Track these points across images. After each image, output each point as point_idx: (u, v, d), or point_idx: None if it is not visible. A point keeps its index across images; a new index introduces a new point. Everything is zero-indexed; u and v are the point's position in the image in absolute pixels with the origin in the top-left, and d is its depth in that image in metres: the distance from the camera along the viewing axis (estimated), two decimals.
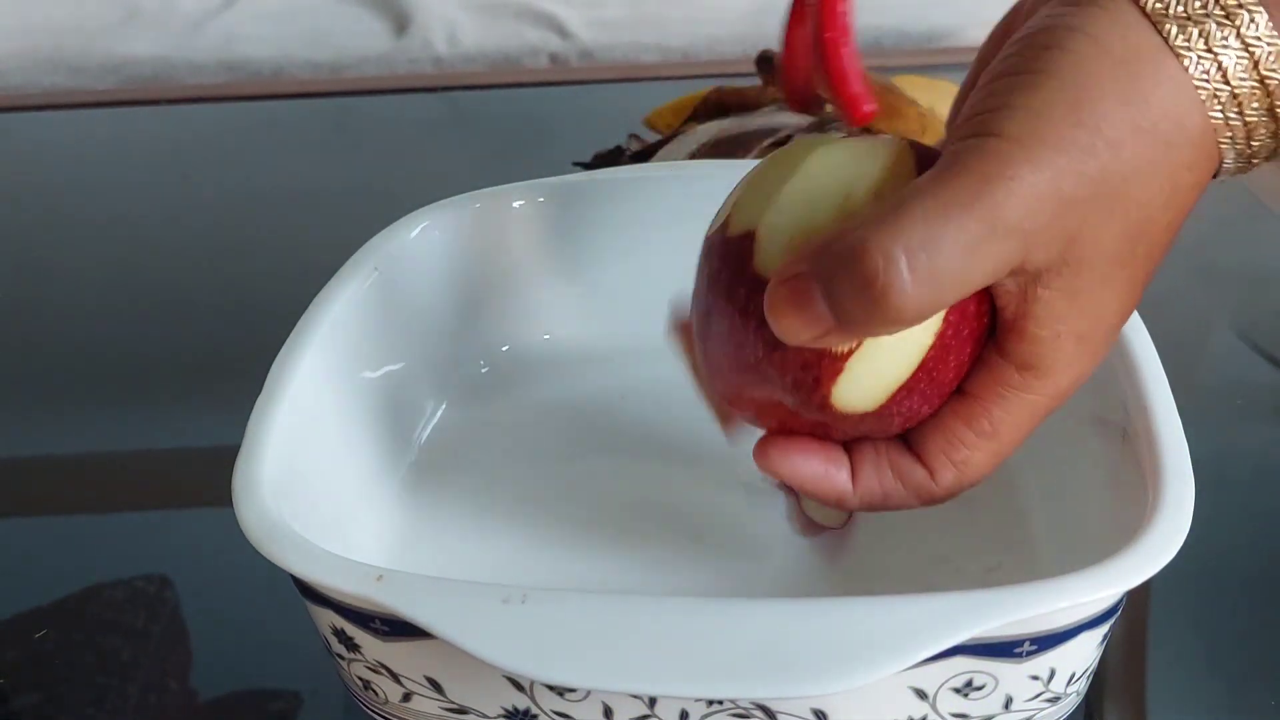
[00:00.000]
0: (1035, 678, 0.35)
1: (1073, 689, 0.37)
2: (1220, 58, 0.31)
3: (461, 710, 0.38)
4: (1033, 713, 0.37)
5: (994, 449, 0.35)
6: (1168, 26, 0.31)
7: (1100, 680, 0.43)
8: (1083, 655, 0.36)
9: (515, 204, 0.55)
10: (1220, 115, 0.31)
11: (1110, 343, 0.34)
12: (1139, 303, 0.34)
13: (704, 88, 0.73)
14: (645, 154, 0.69)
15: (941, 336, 0.33)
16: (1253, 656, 0.45)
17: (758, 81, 0.71)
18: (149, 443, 0.60)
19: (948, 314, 0.33)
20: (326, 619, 0.38)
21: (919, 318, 0.31)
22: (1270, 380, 0.60)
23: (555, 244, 0.56)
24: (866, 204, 0.33)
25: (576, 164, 0.71)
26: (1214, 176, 0.33)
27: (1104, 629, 0.36)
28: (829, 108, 0.38)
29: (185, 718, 0.45)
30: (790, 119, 0.65)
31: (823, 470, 0.36)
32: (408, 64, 1.07)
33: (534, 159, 0.69)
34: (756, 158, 0.63)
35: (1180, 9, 0.31)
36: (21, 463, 0.60)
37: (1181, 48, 0.31)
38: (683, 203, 0.54)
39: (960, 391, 0.35)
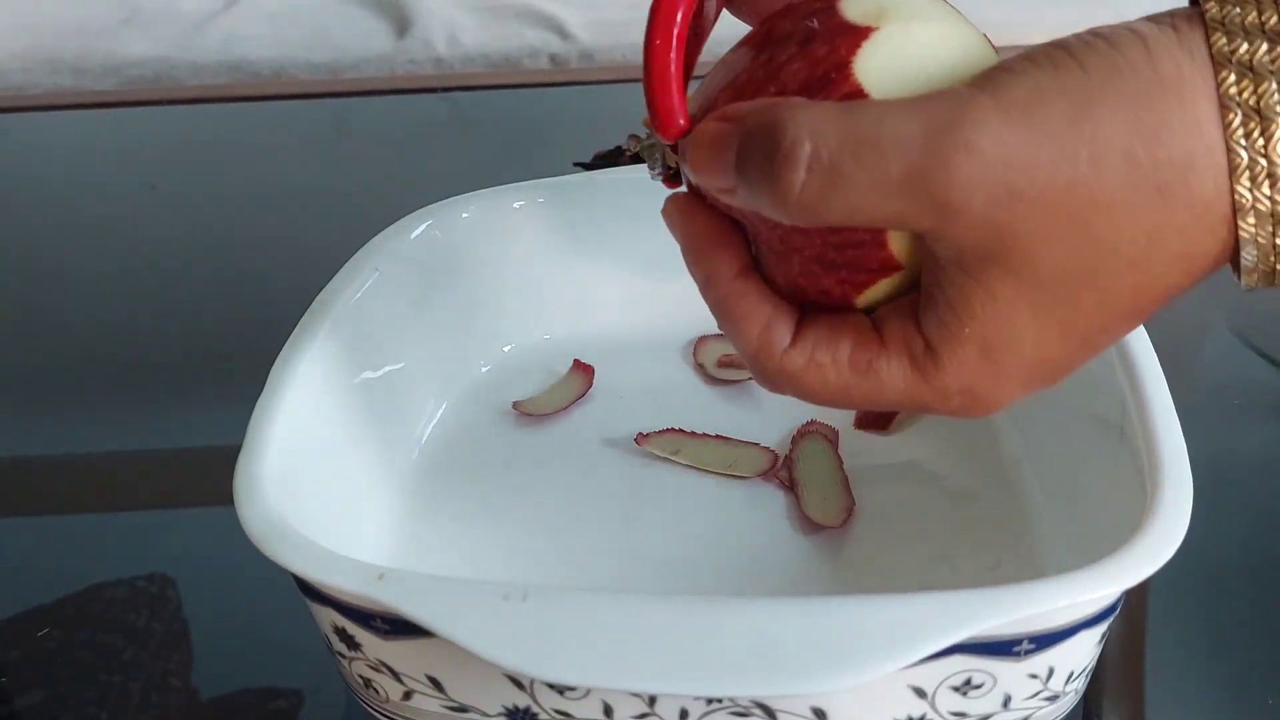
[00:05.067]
0: (1034, 676, 0.36)
1: (1071, 687, 0.37)
2: (1268, 125, 0.28)
3: (462, 708, 0.38)
4: (1031, 711, 0.37)
5: (849, 385, 0.32)
6: (1225, 72, 0.28)
7: (1099, 678, 0.44)
8: (1081, 654, 0.36)
9: (515, 204, 0.55)
10: (1248, 193, 0.28)
11: (1020, 382, 0.31)
12: (1073, 361, 0.31)
13: None
14: None
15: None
16: (1250, 655, 0.45)
17: None
18: (150, 443, 0.60)
19: None
20: (328, 617, 0.38)
21: (799, 214, 0.29)
22: (1269, 380, 0.60)
23: (555, 244, 0.56)
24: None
25: (577, 164, 0.71)
26: (1237, 274, 0.30)
27: (1102, 628, 0.36)
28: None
29: (187, 716, 0.45)
30: None
31: (713, 239, 0.33)
32: (408, 65, 1.07)
33: (534, 159, 0.69)
34: None
35: (1246, 55, 0.28)
36: (22, 463, 0.60)
37: (1230, 98, 0.28)
38: None
39: (875, 324, 0.33)
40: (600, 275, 0.57)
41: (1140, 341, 0.42)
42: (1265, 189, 0.28)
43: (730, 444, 0.51)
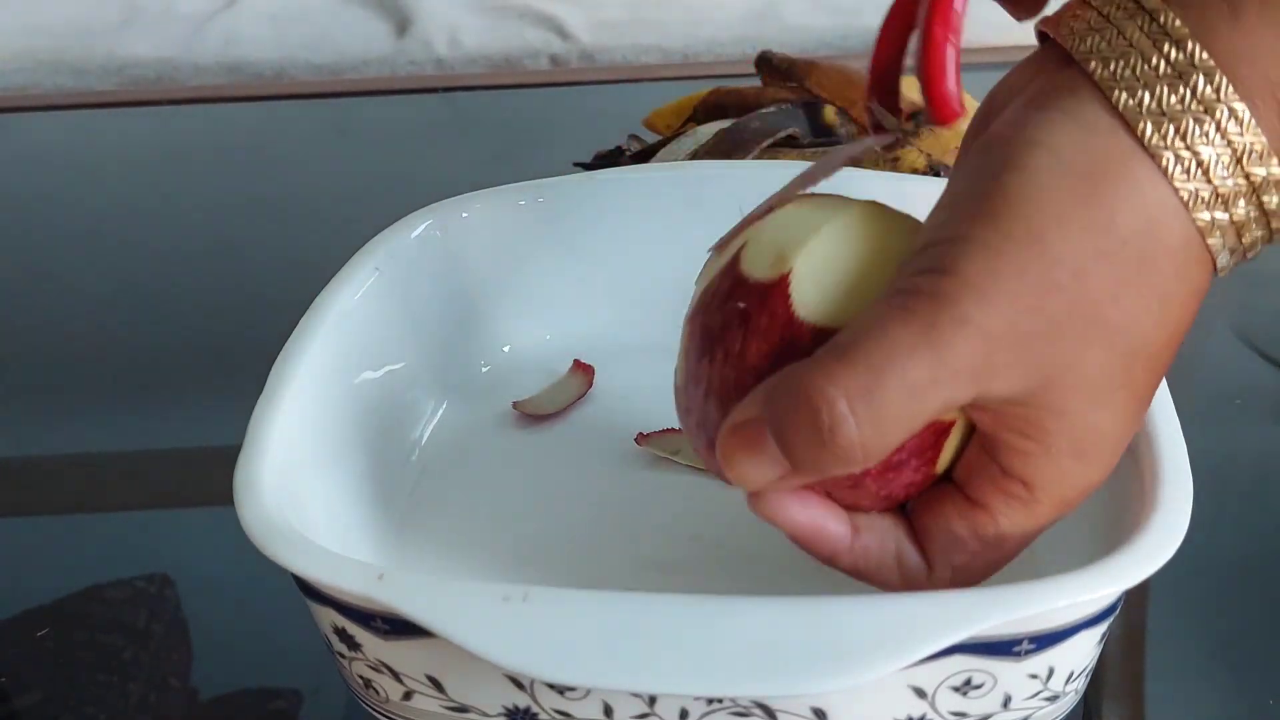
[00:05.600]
0: (1034, 676, 0.36)
1: (1071, 687, 0.37)
2: (1200, 154, 0.29)
3: (462, 709, 0.38)
4: (1031, 711, 0.37)
5: (996, 558, 0.35)
6: (1142, 125, 0.29)
7: (1099, 679, 0.44)
8: (1081, 654, 0.36)
9: (515, 204, 0.55)
10: (1206, 216, 0.30)
11: (1118, 450, 0.33)
12: (1145, 412, 0.34)
13: (704, 88, 0.73)
14: (645, 154, 0.69)
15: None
16: (1250, 655, 0.45)
17: (757, 82, 0.71)
18: (150, 443, 0.60)
19: None
20: (328, 618, 0.38)
21: (870, 458, 0.31)
22: (1270, 380, 0.60)
23: (555, 244, 0.56)
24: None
25: (577, 164, 0.71)
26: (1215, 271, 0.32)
27: (1102, 628, 0.36)
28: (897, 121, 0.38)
29: (186, 717, 0.45)
30: (788, 120, 0.65)
31: (821, 519, 0.35)
32: (409, 65, 1.07)
33: (534, 159, 0.69)
34: (757, 158, 0.63)
35: (1154, 105, 0.29)
36: (21, 463, 0.60)
37: (1157, 147, 0.29)
38: (682, 203, 0.54)
39: (967, 498, 0.34)
40: (600, 275, 0.57)
41: None
42: (1220, 210, 0.30)
43: None
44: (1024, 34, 0.34)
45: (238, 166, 0.86)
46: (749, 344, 0.34)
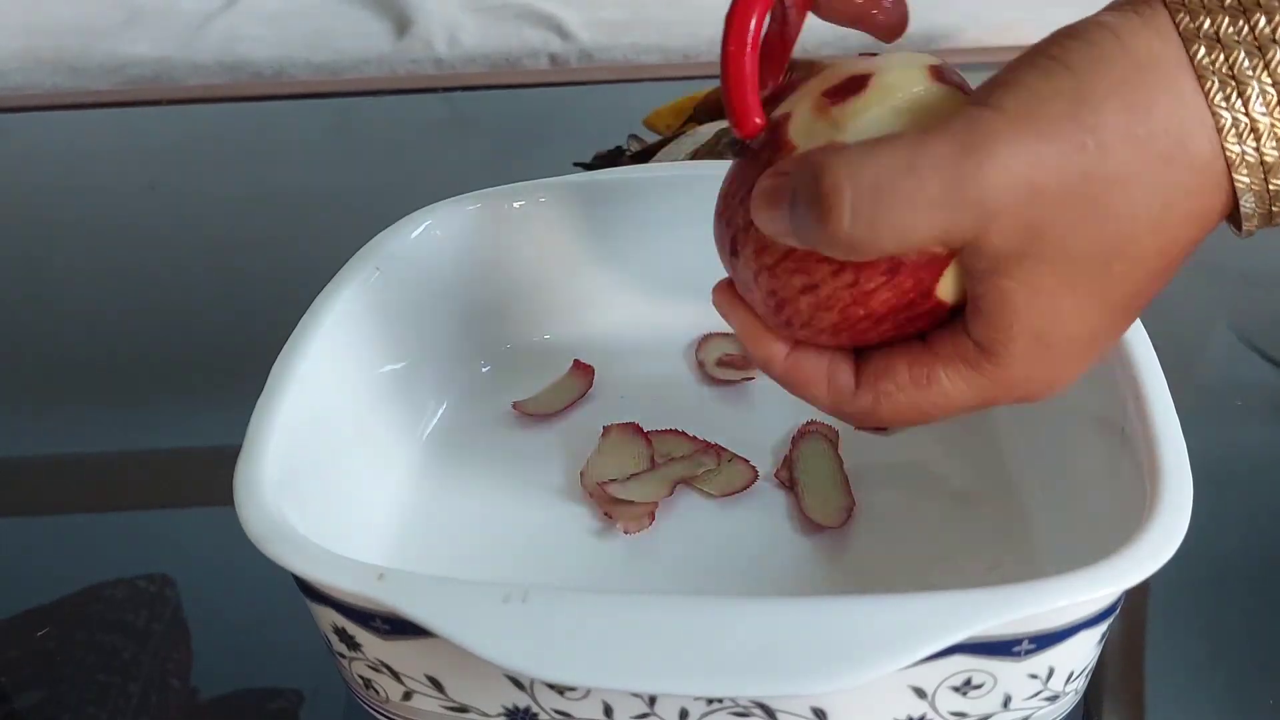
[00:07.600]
0: (1034, 676, 0.36)
1: (1071, 687, 0.37)
2: (1245, 87, 0.30)
3: (462, 709, 0.38)
4: (1031, 711, 0.37)
5: (918, 401, 0.35)
6: (1195, 46, 0.31)
7: (1099, 679, 0.44)
8: (1081, 654, 0.36)
9: (515, 204, 0.55)
10: (1237, 148, 0.31)
11: (1076, 358, 0.34)
12: (1118, 328, 0.34)
13: (704, 88, 0.73)
14: (645, 154, 0.69)
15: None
16: (1250, 655, 0.45)
17: None
18: (150, 443, 0.60)
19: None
20: (328, 618, 0.38)
21: (853, 251, 0.32)
22: (1269, 380, 0.60)
23: (555, 244, 0.56)
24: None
25: (577, 164, 0.71)
26: (1239, 227, 0.32)
27: (1102, 628, 0.36)
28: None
29: (187, 716, 0.45)
30: None
31: (763, 327, 0.37)
32: (408, 65, 1.07)
33: (534, 159, 0.69)
34: None
35: (1211, 30, 0.31)
36: (22, 463, 0.60)
37: (1205, 69, 0.31)
38: (683, 203, 0.54)
39: (924, 339, 0.35)
40: (600, 275, 0.57)
41: (1140, 341, 0.42)
42: (1251, 143, 0.31)
43: (719, 459, 0.50)
44: (1025, 35, 0.34)
45: (238, 166, 0.86)
46: (879, 291, 0.34)
